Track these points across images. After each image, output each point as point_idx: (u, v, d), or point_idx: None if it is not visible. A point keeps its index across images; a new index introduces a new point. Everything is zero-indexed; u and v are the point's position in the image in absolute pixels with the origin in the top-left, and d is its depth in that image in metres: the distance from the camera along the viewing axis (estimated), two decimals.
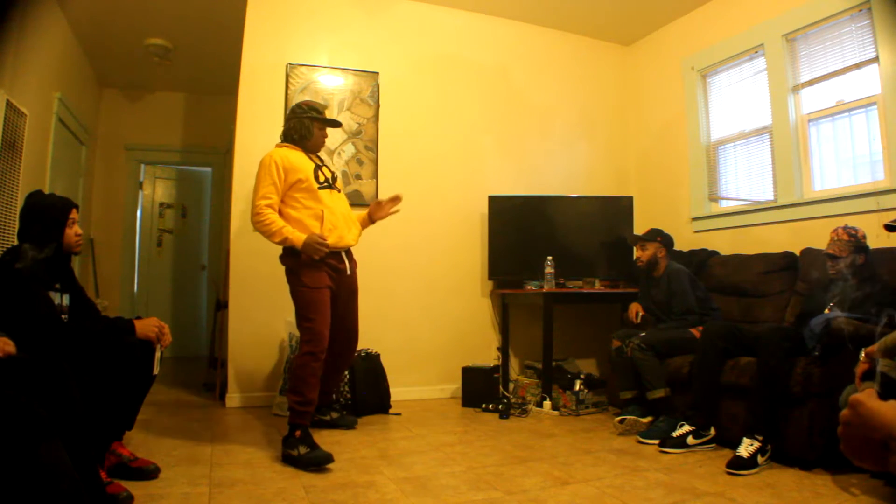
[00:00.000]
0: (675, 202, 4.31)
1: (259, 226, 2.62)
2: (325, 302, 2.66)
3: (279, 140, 2.85)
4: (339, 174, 2.98)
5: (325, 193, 2.74)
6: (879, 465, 0.66)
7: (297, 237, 2.59)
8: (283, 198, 2.69)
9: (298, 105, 2.85)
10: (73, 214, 2.15)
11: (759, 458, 2.35)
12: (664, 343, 3.07)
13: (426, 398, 3.94)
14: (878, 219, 2.82)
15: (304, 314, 2.64)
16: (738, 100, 3.95)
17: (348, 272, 2.81)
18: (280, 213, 2.69)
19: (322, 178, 2.77)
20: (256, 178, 2.68)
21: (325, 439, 2.73)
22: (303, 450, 2.39)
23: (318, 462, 2.34)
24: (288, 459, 2.41)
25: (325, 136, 2.89)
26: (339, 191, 2.86)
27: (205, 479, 2.18)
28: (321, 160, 2.88)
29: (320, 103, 2.91)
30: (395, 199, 3.00)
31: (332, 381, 3.03)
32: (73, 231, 2.15)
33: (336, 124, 2.93)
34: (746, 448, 2.37)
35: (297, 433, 2.45)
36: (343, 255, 2.80)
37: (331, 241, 2.65)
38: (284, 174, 2.66)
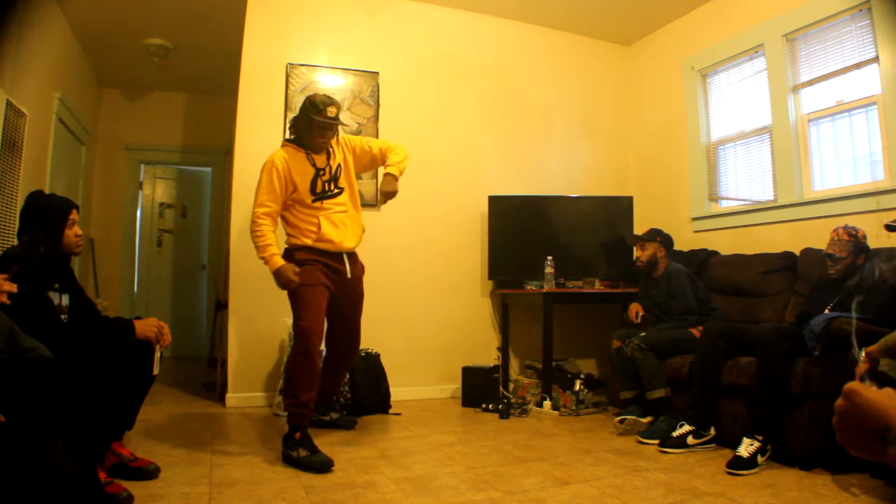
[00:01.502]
0: (675, 202, 4.31)
1: (252, 235, 2.63)
2: (317, 300, 2.63)
3: (287, 133, 2.80)
4: (344, 166, 2.81)
5: (319, 203, 2.70)
6: (876, 456, 0.65)
7: (274, 263, 2.57)
8: (284, 204, 2.70)
9: (307, 97, 2.74)
10: (73, 215, 2.15)
11: (759, 458, 2.35)
12: (664, 343, 3.07)
13: (426, 398, 3.94)
14: (878, 219, 2.82)
15: (295, 312, 2.64)
16: (738, 100, 3.95)
17: (348, 275, 2.78)
18: (283, 218, 2.72)
19: (319, 188, 2.71)
20: (258, 182, 2.67)
21: (325, 439, 2.73)
22: (303, 452, 2.39)
23: (317, 467, 2.33)
24: (288, 460, 2.42)
25: (326, 136, 2.73)
26: (340, 192, 2.78)
27: (205, 479, 2.18)
28: (329, 154, 2.77)
29: (324, 99, 2.71)
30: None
31: (333, 384, 3.02)
32: (73, 232, 2.15)
33: (329, 124, 2.69)
34: (746, 448, 2.37)
35: (297, 435, 2.45)
36: (344, 256, 2.78)
37: (327, 247, 2.67)
38: (284, 181, 2.64)
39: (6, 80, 3.12)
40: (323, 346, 2.86)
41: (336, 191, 2.77)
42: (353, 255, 2.84)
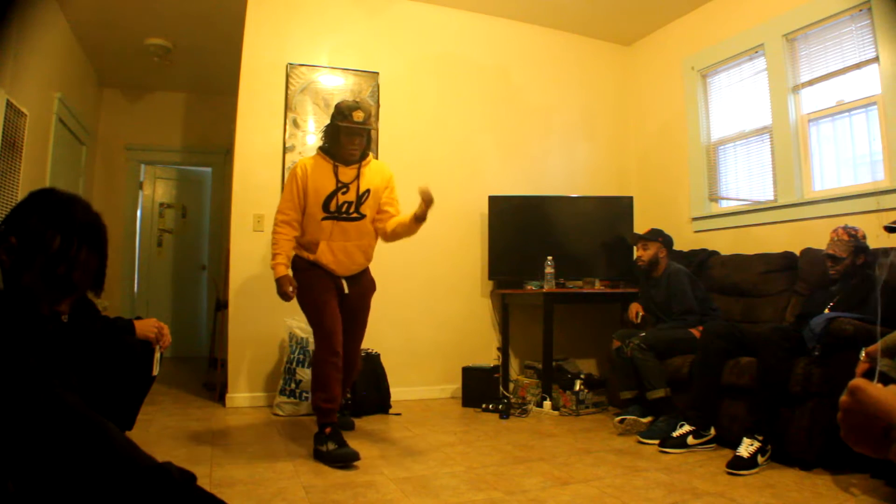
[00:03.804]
0: (675, 202, 4.31)
1: (272, 240, 2.69)
2: (326, 300, 2.62)
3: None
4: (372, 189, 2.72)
5: (329, 224, 2.65)
6: (880, 453, 0.65)
7: (278, 272, 2.61)
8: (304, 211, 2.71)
9: (336, 104, 2.68)
10: None
11: (759, 458, 2.35)
12: (664, 343, 3.07)
13: (426, 398, 3.94)
14: (878, 219, 2.82)
15: (309, 317, 2.67)
16: (738, 100, 3.95)
17: (346, 290, 2.73)
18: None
19: (334, 206, 2.64)
20: (284, 186, 2.69)
21: None
22: (331, 446, 2.42)
23: (344, 459, 2.35)
24: (317, 455, 2.45)
25: (354, 143, 2.63)
26: (358, 219, 2.68)
27: (205, 479, 2.18)
28: (359, 173, 2.69)
29: (351, 104, 2.61)
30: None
31: None
32: None
33: (356, 129, 2.60)
34: (746, 448, 2.37)
35: (327, 430, 2.48)
36: (341, 279, 2.74)
37: (323, 266, 2.67)
38: (303, 191, 2.65)
39: (6, 80, 3.12)
40: None
41: (354, 215, 2.69)
42: (353, 277, 2.77)
